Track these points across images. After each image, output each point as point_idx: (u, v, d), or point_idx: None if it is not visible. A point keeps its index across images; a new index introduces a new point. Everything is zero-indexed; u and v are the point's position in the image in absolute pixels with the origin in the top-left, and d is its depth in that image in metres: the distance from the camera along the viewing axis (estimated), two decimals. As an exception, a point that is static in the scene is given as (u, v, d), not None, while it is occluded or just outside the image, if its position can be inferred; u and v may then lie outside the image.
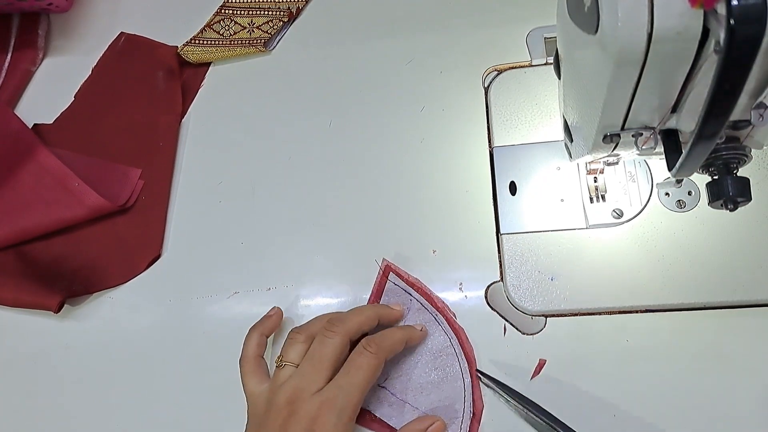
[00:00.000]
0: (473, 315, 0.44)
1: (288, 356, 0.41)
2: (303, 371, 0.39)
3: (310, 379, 0.39)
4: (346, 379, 0.39)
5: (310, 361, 0.40)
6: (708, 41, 0.25)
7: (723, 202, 0.30)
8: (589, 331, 0.42)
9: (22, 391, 0.49)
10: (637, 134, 0.32)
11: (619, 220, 0.44)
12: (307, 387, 0.38)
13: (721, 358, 0.40)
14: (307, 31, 0.59)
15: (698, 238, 0.42)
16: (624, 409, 0.39)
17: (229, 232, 0.51)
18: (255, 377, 0.42)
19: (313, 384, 0.38)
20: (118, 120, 0.58)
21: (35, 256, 0.53)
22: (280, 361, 0.41)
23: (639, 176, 0.45)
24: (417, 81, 0.54)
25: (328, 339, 0.40)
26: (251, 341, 0.44)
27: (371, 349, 0.39)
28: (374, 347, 0.40)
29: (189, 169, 0.55)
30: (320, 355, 0.39)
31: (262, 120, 0.55)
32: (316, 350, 0.40)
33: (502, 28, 0.53)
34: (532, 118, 0.49)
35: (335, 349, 0.40)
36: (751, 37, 0.22)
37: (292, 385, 0.39)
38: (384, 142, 0.52)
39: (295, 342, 0.41)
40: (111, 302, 0.50)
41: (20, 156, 0.55)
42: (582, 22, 0.29)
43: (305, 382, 0.39)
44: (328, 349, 0.39)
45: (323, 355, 0.39)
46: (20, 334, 0.51)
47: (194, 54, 0.58)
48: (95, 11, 0.66)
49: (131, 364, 0.48)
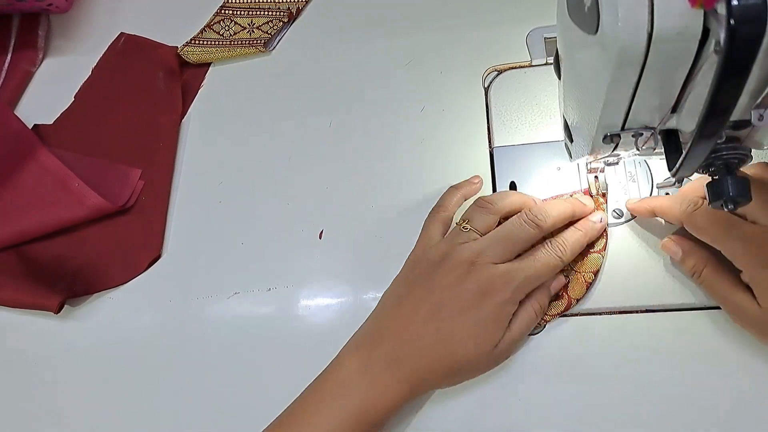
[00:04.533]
0: (473, 315, 0.44)
1: (474, 223, 0.41)
2: (490, 243, 0.40)
3: (496, 252, 0.39)
4: (529, 266, 0.39)
5: (502, 238, 0.40)
6: (708, 41, 0.25)
7: (723, 202, 0.30)
8: (589, 332, 0.42)
9: (22, 392, 0.49)
10: (637, 134, 0.33)
11: (619, 220, 0.44)
12: (490, 256, 0.39)
13: (721, 358, 0.39)
14: (307, 31, 0.59)
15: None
16: (624, 409, 0.39)
17: (229, 232, 0.51)
18: (440, 228, 0.43)
19: (497, 257, 0.39)
20: (118, 120, 0.58)
21: (35, 257, 0.53)
22: (464, 224, 0.41)
23: (639, 176, 0.45)
24: (417, 81, 0.54)
25: (527, 227, 0.40)
26: (452, 197, 0.44)
27: (559, 253, 0.40)
28: (562, 252, 0.40)
29: (189, 169, 0.55)
30: (514, 237, 0.40)
31: (261, 120, 0.55)
32: (512, 231, 0.40)
33: (502, 28, 0.53)
34: (532, 118, 0.49)
35: (530, 239, 0.40)
36: (751, 37, 0.22)
37: (477, 248, 0.39)
38: (384, 142, 0.52)
39: (484, 212, 0.41)
40: (111, 303, 0.50)
41: (20, 156, 0.55)
42: (582, 22, 0.29)
43: (490, 252, 0.39)
44: (523, 236, 0.40)
45: (516, 239, 0.40)
46: (20, 335, 0.51)
47: (194, 54, 0.59)
48: (95, 12, 0.66)
49: (131, 365, 0.48)
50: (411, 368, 0.38)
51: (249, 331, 0.47)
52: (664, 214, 0.40)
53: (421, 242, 0.43)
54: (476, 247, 0.39)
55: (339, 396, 0.37)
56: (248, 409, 0.44)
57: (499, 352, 0.39)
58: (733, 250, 0.36)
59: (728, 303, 0.37)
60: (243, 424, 0.41)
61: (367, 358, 0.38)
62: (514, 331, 0.39)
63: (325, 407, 0.37)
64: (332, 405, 0.37)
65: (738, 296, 0.36)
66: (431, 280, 0.39)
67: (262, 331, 0.47)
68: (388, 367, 0.38)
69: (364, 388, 0.37)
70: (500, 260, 0.39)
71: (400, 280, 0.42)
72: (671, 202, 0.39)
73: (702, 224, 0.37)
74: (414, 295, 0.40)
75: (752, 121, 0.27)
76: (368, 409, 0.37)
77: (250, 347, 0.46)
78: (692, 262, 0.39)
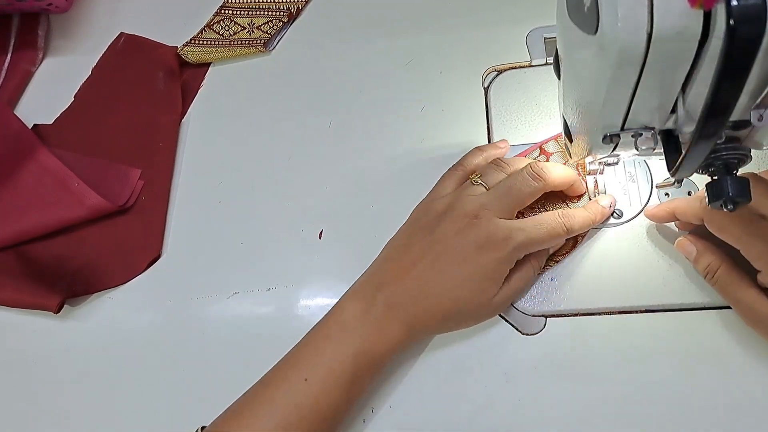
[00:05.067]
0: (473, 315, 0.44)
1: (487, 178, 0.42)
2: (495, 197, 0.41)
3: (499, 206, 0.40)
4: (532, 226, 0.40)
5: (506, 192, 0.41)
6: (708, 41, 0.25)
7: (723, 203, 0.30)
8: (589, 332, 0.42)
9: (21, 392, 0.49)
10: (636, 135, 0.32)
11: (619, 221, 0.44)
12: (493, 210, 0.40)
13: (721, 358, 0.39)
14: (307, 31, 0.59)
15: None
16: (624, 409, 0.39)
17: (229, 232, 0.51)
18: (454, 182, 0.44)
19: (500, 212, 0.40)
20: (118, 120, 0.58)
21: (35, 257, 0.53)
22: (475, 177, 0.42)
23: (639, 176, 0.45)
24: (417, 81, 0.54)
25: (532, 181, 0.41)
26: (474, 157, 0.45)
27: (566, 225, 0.40)
28: (569, 224, 0.41)
29: (189, 169, 0.55)
30: (517, 191, 0.41)
31: (261, 120, 0.55)
32: (515, 185, 0.41)
33: (502, 28, 0.53)
34: (532, 118, 0.49)
35: (533, 193, 0.41)
36: (751, 37, 0.22)
37: (482, 202, 0.40)
38: (384, 142, 0.52)
39: (500, 169, 0.43)
40: (111, 302, 0.50)
41: (20, 156, 0.55)
42: (582, 22, 0.29)
43: (494, 206, 0.40)
44: (527, 190, 0.41)
45: (519, 193, 0.41)
46: (20, 335, 0.51)
47: (194, 54, 0.59)
48: (95, 11, 0.66)
49: (131, 365, 0.48)
50: (410, 312, 0.39)
51: (249, 331, 0.47)
52: (684, 214, 0.39)
53: (432, 192, 0.44)
54: (481, 200, 0.40)
55: (340, 337, 0.39)
56: (248, 409, 0.44)
57: (495, 306, 0.41)
58: (754, 250, 0.35)
59: (742, 305, 0.37)
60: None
61: (368, 301, 0.40)
62: (511, 287, 0.41)
63: (327, 347, 0.39)
64: (333, 345, 0.38)
65: (753, 298, 0.36)
66: (434, 230, 0.40)
67: (262, 331, 0.47)
68: (388, 310, 0.39)
69: (364, 330, 0.39)
70: (503, 214, 0.40)
71: (405, 228, 0.44)
72: (691, 201, 0.39)
73: (723, 223, 0.36)
74: (417, 243, 0.41)
75: (752, 122, 0.27)
76: (368, 349, 0.38)
77: (250, 347, 0.46)
78: (706, 262, 0.39)
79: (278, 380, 0.39)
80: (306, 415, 0.37)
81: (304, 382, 0.38)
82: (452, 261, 0.39)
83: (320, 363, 0.38)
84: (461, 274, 0.39)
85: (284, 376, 0.39)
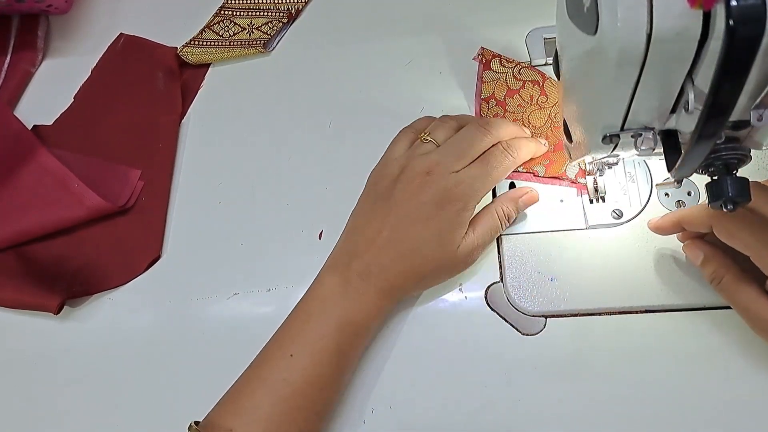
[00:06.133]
0: (473, 316, 0.44)
1: (435, 135, 0.43)
2: (446, 152, 0.42)
3: (451, 160, 0.41)
4: (482, 170, 0.41)
5: (456, 145, 0.42)
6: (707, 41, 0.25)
7: (722, 203, 0.30)
8: (589, 332, 0.42)
9: (21, 392, 0.49)
10: (636, 135, 0.32)
11: (619, 221, 0.44)
12: (446, 166, 0.41)
13: (721, 358, 0.40)
14: (307, 32, 0.59)
15: (698, 238, 0.42)
16: (624, 409, 0.39)
17: (229, 233, 0.51)
18: (405, 143, 0.45)
19: (452, 165, 0.41)
20: (118, 121, 0.58)
21: (35, 257, 0.53)
22: (425, 135, 0.44)
23: (638, 177, 0.45)
24: (416, 81, 0.54)
25: (481, 134, 0.42)
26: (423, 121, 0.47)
27: (512, 152, 0.42)
28: (514, 152, 0.42)
29: (189, 170, 0.55)
30: (468, 144, 0.42)
31: (261, 120, 0.55)
32: (465, 139, 0.42)
33: (501, 29, 0.53)
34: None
35: (483, 146, 0.42)
36: (750, 37, 0.22)
37: (434, 159, 0.41)
38: (384, 142, 0.51)
39: (445, 125, 0.44)
40: (111, 303, 0.50)
41: (20, 157, 0.55)
42: (581, 22, 0.29)
43: (446, 161, 0.41)
44: (477, 143, 0.42)
45: (470, 146, 0.42)
46: (20, 335, 0.51)
47: (194, 55, 0.59)
48: (94, 12, 0.66)
49: (131, 365, 0.48)
50: (385, 278, 0.41)
51: (249, 332, 0.47)
52: (691, 223, 0.39)
53: (385, 156, 0.45)
54: (432, 157, 0.42)
55: (321, 311, 0.40)
56: (248, 409, 0.44)
57: (464, 253, 0.41)
58: (764, 257, 0.35)
59: (750, 312, 0.36)
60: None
61: (343, 274, 0.41)
62: (477, 233, 0.42)
63: (309, 323, 0.40)
64: (315, 320, 0.40)
65: (761, 305, 0.36)
66: (392, 195, 0.42)
67: (262, 332, 0.46)
68: (363, 280, 0.41)
69: (343, 302, 0.40)
70: (456, 167, 0.41)
71: (364, 197, 0.45)
72: (697, 210, 0.39)
73: (733, 230, 0.36)
74: (378, 211, 0.42)
75: (751, 122, 0.27)
76: (350, 320, 0.40)
77: (250, 348, 0.46)
78: (713, 268, 0.38)
79: (266, 360, 0.40)
80: (298, 388, 0.38)
81: (290, 358, 0.39)
82: (414, 222, 0.40)
83: (304, 338, 0.40)
84: (425, 232, 0.40)
85: (272, 355, 0.40)
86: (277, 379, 0.39)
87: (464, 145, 0.42)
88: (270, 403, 0.38)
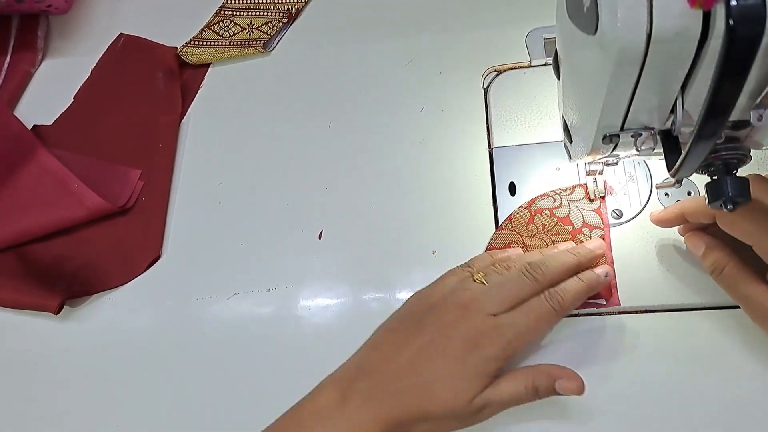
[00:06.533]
0: (473, 315, 0.44)
1: (489, 277, 0.40)
2: (489, 292, 0.39)
3: (492, 301, 0.38)
4: (523, 319, 0.38)
5: (501, 288, 0.39)
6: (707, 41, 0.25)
7: (722, 203, 0.30)
8: (590, 332, 0.42)
9: (21, 393, 0.49)
10: (636, 135, 0.32)
11: (619, 221, 0.44)
12: (485, 305, 0.38)
13: (721, 358, 0.39)
14: (307, 32, 0.59)
15: (698, 238, 0.42)
16: (624, 409, 0.39)
17: (229, 233, 0.51)
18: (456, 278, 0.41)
19: (492, 307, 0.38)
20: (118, 121, 0.58)
21: (35, 257, 0.53)
22: (480, 277, 0.40)
23: (638, 177, 0.45)
24: (416, 81, 0.54)
25: (526, 279, 0.39)
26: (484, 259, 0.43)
27: (557, 304, 0.39)
28: (560, 302, 0.39)
29: (189, 170, 0.55)
30: (511, 289, 0.39)
31: (261, 120, 0.55)
32: (511, 283, 0.39)
33: (501, 29, 0.53)
34: (531, 118, 0.49)
35: (528, 293, 0.39)
36: (750, 37, 0.22)
37: (474, 296, 0.39)
38: (384, 142, 0.52)
39: (502, 271, 0.40)
40: (111, 303, 0.50)
41: (20, 157, 0.55)
42: (581, 22, 0.29)
43: (486, 301, 0.38)
44: (523, 290, 0.39)
45: (514, 292, 0.39)
46: (20, 336, 0.51)
47: (194, 55, 0.59)
48: (94, 13, 0.66)
49: (131, 366, 0.48)
50: (387, 407, 0.37)
51: (249, 332, 0.47)
52: (693, 214, 0.39)
53: (432, 284, 0.42)
54: (476, 296, 0.39)
55: (314, 426, 0.37)
56: (247, 409, 0.44)
57: (477, 407, 0.37)
58: (766, 246, 0.35)
59: (751, 302, 0.36)
60: (242, 425, 0.41)
61: (345, 390, 0.38)
62: (497, 390, 0.37)
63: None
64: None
65: (762, 295, 0.36)
66: (423, 320, 0.39)
67: (262, 332, 0.47)
68: (364, 402, 0.37)
69: (337, 422, 0.37)
70: (495, 310, 0.38)
71: (396, 314, 0.42)
72: (699, 200, 0.38)
73: (735, 219, 0.36)
74: (403, 332, 0.39)
75: (751, 122, 0.27)
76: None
77: (250, 348, 0.46)
78: (714, 258, 0.38)
79: None
80: None
81: None
82: (437, 355, 0.37)
83: None
84: (444, 371, 0.37)
85: None
86: None
87: (506, 290, 0.39)
88: None
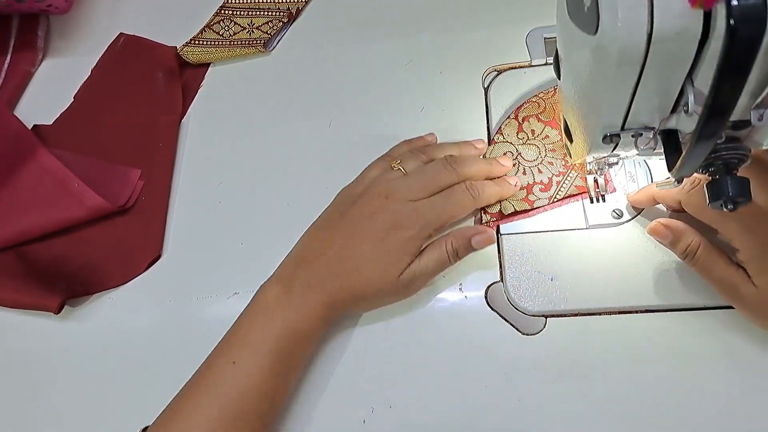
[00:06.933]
0: (473, 315, 0.44)
1: (404, 164, 0.45)
2: (409, 181, 0.43)
3: (412, 189, 0.42)
4: (441, 203, 0.42)
5: (421, 176, 0.43)
6: (708, 41, 0.25)
7: (722, 202, 0.30)
8: (589, 332, 0.42)
9: (21, 392, 0.49)
10: (637, 134, 0.32)
11: (619, 221, 0.44)
12: (406, 193, 0.42)
13: (721, 358, 0.39)
14: (307, 31, 0.59)
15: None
16: (624, 409, 0.39)
17: (229, 233, 0.51)
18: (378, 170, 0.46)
19: (412, 194, 0.42)
20: (118, 120, 0.58)
21: (35, 257, 0.53)
22: (395, 163, 0.45)
23: (639, 176, 0.45)
24: (417, 81, 0.54)
25: (446, 171, 0.43)
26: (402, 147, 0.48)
27: (473, 192, 0.43)
28: (476, 192, 0.43)
29: (189, 169, 0.55)
30: (432, 177, 0.43)
31: (261, 120, 0.55)
32: (431, 172, 0.43)
33: (501, 29, 0.53)
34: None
35: (447, 181, 0.43)
36: (751, 37, 0.22)
37: (395, 185, 0.43)
38: (384, 142, 0.51)
39: (417, 157, 0.45)
40: (111, 303, 0.50)
41: (20, 157, 0.55)
42: (582, 22, 0.29)
43: (406, 189, 0.42)
44: (441, 178, 0.43)
45: (433, 180, 0.43)
46: (20, 335, 0.51)
47: (194, 54, 0.59)
48: (94, 12, 0.66)
49: (131, 365, 0.48)
50: (327, 291, 0.41)
51: (249, 332, 0.47)
52: (663, 198, 0.41)
53: (356, 179, 0.47)
54: (395, 183, 0.43)
55: (263, 320, 0.41)
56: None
57: (405, 282, 0.41)
58: (730, 229, 0.36)
59: (723, 284, 0.37)
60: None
61: (287, 284, 0.42)
62: (422, 263, 0.42)
63: (251, 331, 0.40)
64: (258, 328, 0.40)
65: (733, 276, 0.36)
66: (348, 212, 0.43)
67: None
68: (306, 291, 0.41)
69: (285, 311, 0.40)
70: (414, 196, 0.42)
71: (324, 212, 0.46)
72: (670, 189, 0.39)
73: (700, 203, 0.37)
74: (330, 225, 0.44)
75: (752, 122, 0.27)
76: (291, 328, 0.40)
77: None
78: (685, 243, 0.39)
79: (210, 367, 0.41)
80: (241, 396, 0.38)
81: (233, 365, 0.39)
82: (363, 241, 0.41)
83: (247, 346, 0.40)
84: (371, 254, 0.41)
85: (215, 363, 0.40)
86: (220, 386, 0.39)
87: (428, 176, 0.43)
88: (213, 410, 0.38)
